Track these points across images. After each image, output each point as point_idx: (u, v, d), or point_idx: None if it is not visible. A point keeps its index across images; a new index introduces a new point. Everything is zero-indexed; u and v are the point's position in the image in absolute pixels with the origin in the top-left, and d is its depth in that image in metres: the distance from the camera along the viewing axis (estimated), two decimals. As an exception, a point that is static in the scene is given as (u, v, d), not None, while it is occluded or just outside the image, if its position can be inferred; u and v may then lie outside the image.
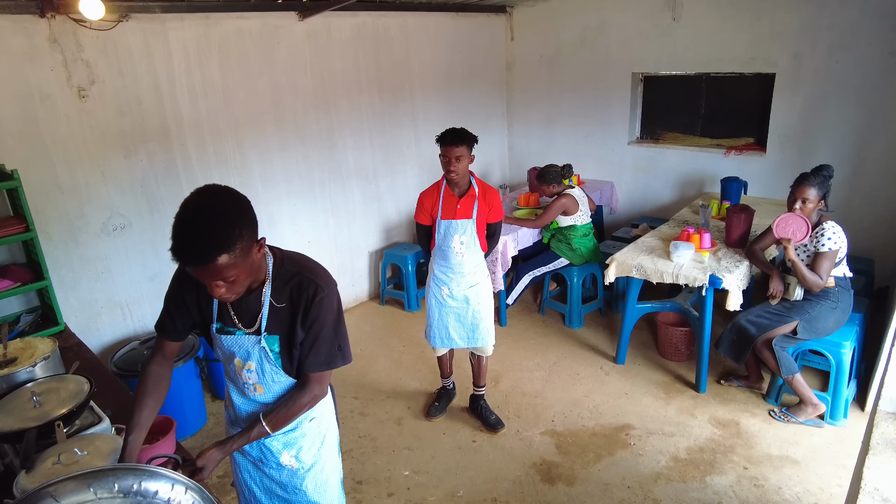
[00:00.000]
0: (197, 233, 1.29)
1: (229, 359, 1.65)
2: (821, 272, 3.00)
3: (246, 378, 1.65)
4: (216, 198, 1.36)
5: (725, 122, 5.07)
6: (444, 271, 3.08)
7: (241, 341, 1.60)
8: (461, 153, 2.85)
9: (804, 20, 4.23)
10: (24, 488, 1.46)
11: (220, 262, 1.31)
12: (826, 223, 3.04)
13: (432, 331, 3.20)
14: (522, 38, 5.78)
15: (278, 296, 1.55)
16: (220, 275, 1.34)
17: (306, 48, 4.16)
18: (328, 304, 1.56)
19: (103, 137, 3.30)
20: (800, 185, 3.05)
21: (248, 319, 1.58)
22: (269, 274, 1.54)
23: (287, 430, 1.72)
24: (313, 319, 1.55)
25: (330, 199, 4.60)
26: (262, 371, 1.62)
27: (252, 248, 1.39)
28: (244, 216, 1.38)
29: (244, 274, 1.40)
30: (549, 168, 4.23)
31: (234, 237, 1.32)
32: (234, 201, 1.38)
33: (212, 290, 1.39)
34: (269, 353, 1.59)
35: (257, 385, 1.65)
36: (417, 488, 2.91)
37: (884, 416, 1.68)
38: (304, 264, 1.60)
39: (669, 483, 2.84)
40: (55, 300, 2.95)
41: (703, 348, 3.44)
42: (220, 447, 1.57)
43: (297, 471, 1.77)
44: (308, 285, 1.54)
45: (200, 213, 1.31)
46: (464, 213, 2.97)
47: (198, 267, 1.32)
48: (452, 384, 3.56)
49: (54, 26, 3.01)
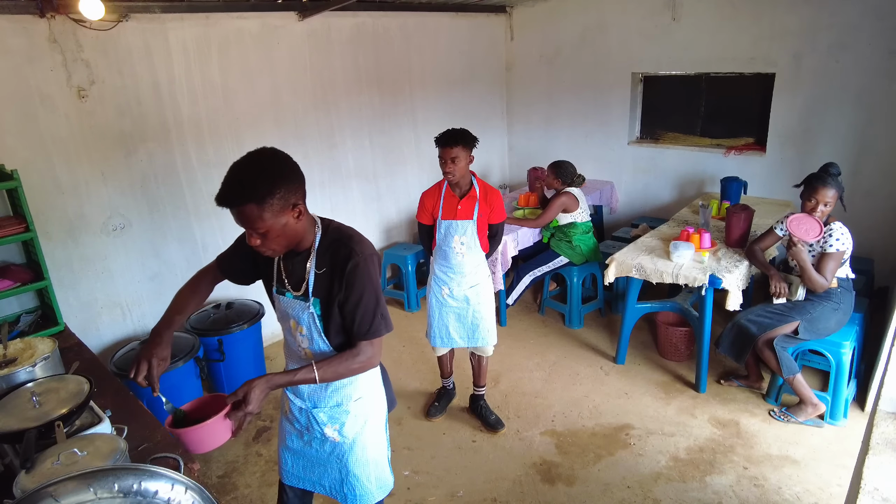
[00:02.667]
0: (235, 178, 1.44)
1: (286, 319, 1.75)
2: (826, 273, 2.99)
3: (300, 341, 1.74)
4: (265, 155, 1.50)
5: (725, 122, 5.07)
6: (445, 271, 3.08)
7: (293, 304, 1.69)
8: (458, 154, 2.85)
9: (804, 20, 4.23)
10: (24, 488, 1.46)
11: (247, 210, 1.43)
12: (834, 224, 3.01)
13: (433, 330, 3.20)
14: (522, 38, 5.78)
15: (320, 262, 1.64)
16: (251, 224, 1.45)
17: (306, 48, 4.16)
18: (364, 270, 1.61)
19: (103, 137, 3.30)
20: (820, 188, 2.96)
21: (296, 283, 1.68)
22: (315, 241, 1.64)
23: (333, 405, 1.80)
24: (350, 285, 1.61)
25: (330, 200, 4.60)
26: (312, 336, 1.71)
27: (286, 209, 1.49)
28: (285, 178, 1.48)
29: (276, 231, 1.49)
30: (568, 164, 4.21)
31: (265, 191, 1.42)
32: (280, 162, 1.50)
33: (248, 239, 1.51)
34: (315, 319, 1.67)
35: (306, 350, 1.75)
36: (417, 488, 2.91)
37: (884, 415, 1.68)
38: (344, 231, 1.70)
39: (669, 483, 2.84)
40: (55, 300, 2.95)
41: (702, 348, 3.44)
42: (265, 380, 1.59)
43: (340, 444, 1.84)
44: (342, 249, 1.63)
45: (246, 163, 1.46)
46: (464, 214, 2.96)
47: (228, 208, 1.44)
48: (452, 384, 3.56)
49: (54, 26, 3.01)
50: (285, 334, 1.82)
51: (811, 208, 3.00)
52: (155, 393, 1.60)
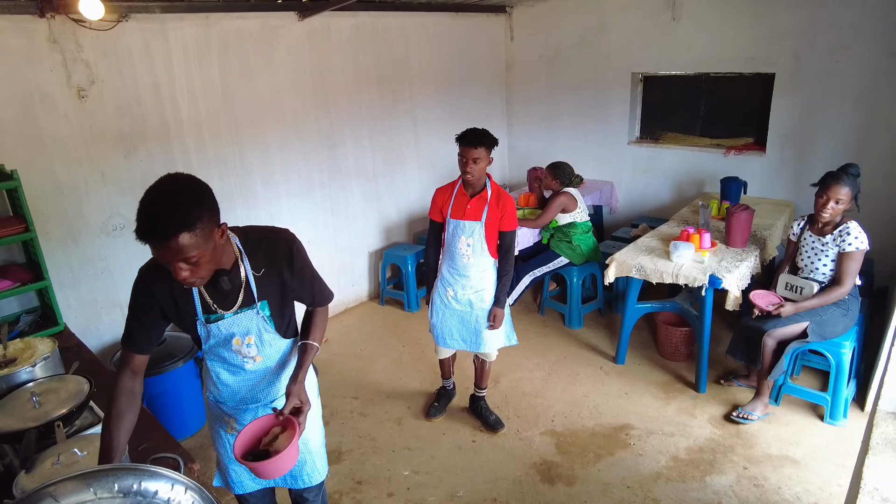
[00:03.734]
0: (160, 210, 1.34)
1: (226, 341, 1.69)
2: (847, 275, 2.96)
3: (246, 353, 1.72)
4: (177, 181, 1.43)
5: (725, 122, 5.07)
6: (452, 272, 3.02)
7: (238, 320, 1.66)
8: (479, 155, 2.80)
9: (804, 20, 4.23)
10: (24, 488, 1.46)
11: (181, 239, 1.34)
12: (850, 223, 2.98)
13: (436, 330, 3.16)
14: (522, 38, 5.78)
15: (255, 264, 1.64)
16: (183, 254, 1.36)
17: (306, 48, 4.16)
18: (299, 247, 1.71)
19: (103, 137, 3.30)
20: (833, 185, 2.94)
21: (232, 299, 1.64)
22: (240, 250, 1.62)
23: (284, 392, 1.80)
24: (301, 267, 1.71)
25: (330, 200, 4.60)
26: (261, 340, 1.71)
27: (213, 231, 1.44)
28: (205, 199, 1.43)
29: (207, 257, 1.43)
30: (565, 164, 4.22)
31: (195, 216, 1.37)
32: (194, 185, 1.44)
33: (176, 273, 1.40)
34: (266, 321, 1.69)
35: (256, 357, 1.75)
36: (417, 488, 2.91)
37: (883, 415, 1.68)
38: (261, 229, 1.72)
39: (669, 483, 2.84)
40: (55, 300, 2.95)
41: (702, 348, 3.44)
42: (298, 380, 1.65)
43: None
44: (276, 242, 1.67)
45: (163, 193, 1.37)
46: (473, 215, 2.89)
47: (161, 243, 1.34)
48: (453, 384, 3.55)
49: (54, 26, 3.01)
50: (222, 355, 1.72)
51: (822, 204, 2.97)
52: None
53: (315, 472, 1.98)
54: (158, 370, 3.07)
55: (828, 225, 3.06)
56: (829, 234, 3.04)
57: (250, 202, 4.06)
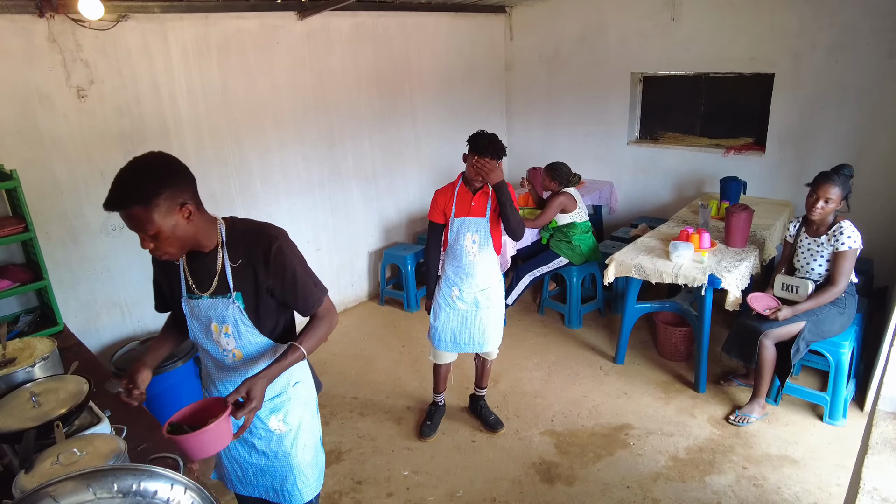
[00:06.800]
0: (121, 181, 1.44)
1: (205, 326, 1.72)
2: (841, 275, 2.97)
3: (225, 343, 1.72)
4: (147, 159, 1.50)
5: (725, 122, 5.07)
6: (456, 272, 2.99)
7: (214, 304, 1.67)
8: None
9: (804, 20, 4.23)
10: (24, 488, 1.46)
11: (133, 212, 1.43)
12: (843, 222, 3.00)
13: (437, 333, 3.09)
14: (522, 38, 5.78)
15: (233, 255, 1.65)
16: (140, 226, 1.46)
17: (305, 48, 4.16)
18: (287, 248, 1.66)
19: (102, 137, 3.30)
20: (823, 184, 2.97)
21: (206, 283, 1.67)
22: (221, 237, 1.65)
23: (273, 396, 1.79)
24: (281, 266, 1.65)
25: (329, 200, 4.60)
26: (239, 333, 1.70)
27: (174, 210, 1.48)
28: (171, 178, 1.49)
29: (166, 233, 1.49)
30: (562, 164, 4.22)
31: (150, 192, 1.43)
32: (165, 163, 1.51)
33: (142, 243, 1.51)
34: (242, 312, 1.67)
35: (235, 350, 1.73)
36: (417, 488, 2.91)
37: (883, 415, 1.68)
38: (252, 223, 1.72)
39: (669, 483, 2.84)
40: (54, 300, 2.95)
41: (702, 348, 3.44)
42: (263, 375, 1.59)
43: (285, 434, 1.84)
44: (259, 238, 1.66)
45: (131, 167, 1.47)
46: (478, 211, 2.87)
47: (114, 211, 1.45)
48: (443, 400, 3.44)
49: (53, 26, 3.01)
50: (206, 346, 1.77)
51: (812, 203, 3.01)
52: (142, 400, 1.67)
53: (305, 486, 1.89)
54: (158, 370, 3.07)
55: (822, 225, 3.08)
56: (823, 234, 3.06)
57: (250, 202, 4.06)
